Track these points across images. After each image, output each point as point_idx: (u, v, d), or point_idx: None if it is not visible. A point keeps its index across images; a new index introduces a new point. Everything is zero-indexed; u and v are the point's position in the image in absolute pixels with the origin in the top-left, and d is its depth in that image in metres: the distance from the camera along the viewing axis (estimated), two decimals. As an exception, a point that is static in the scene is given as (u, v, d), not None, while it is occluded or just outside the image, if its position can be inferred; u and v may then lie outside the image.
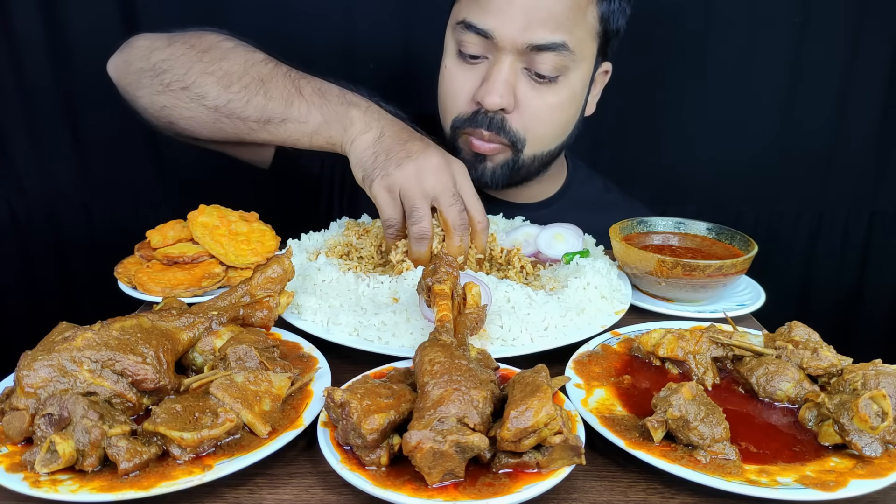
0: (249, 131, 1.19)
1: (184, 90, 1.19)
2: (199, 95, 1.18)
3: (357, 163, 1.11)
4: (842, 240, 2.19)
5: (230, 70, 1.18)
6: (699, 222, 1.23)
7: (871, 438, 0.69)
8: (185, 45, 1.22)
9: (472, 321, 0.86)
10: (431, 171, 1.06)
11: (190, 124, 1.23)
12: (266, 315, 0.91)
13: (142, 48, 1.25)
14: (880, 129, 2.05)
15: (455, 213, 1.07)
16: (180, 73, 1.19)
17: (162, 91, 1.21)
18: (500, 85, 1.24)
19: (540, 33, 1.21)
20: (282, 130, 1.17)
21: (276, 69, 1.19)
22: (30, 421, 0.68)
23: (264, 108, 1.16)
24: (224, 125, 1.20)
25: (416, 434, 0.62)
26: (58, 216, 1.97)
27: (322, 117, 1.14)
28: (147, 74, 1.22)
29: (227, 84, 1.17)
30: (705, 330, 0.88)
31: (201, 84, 1.18)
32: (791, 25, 1.92)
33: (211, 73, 1.18)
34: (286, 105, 1.15)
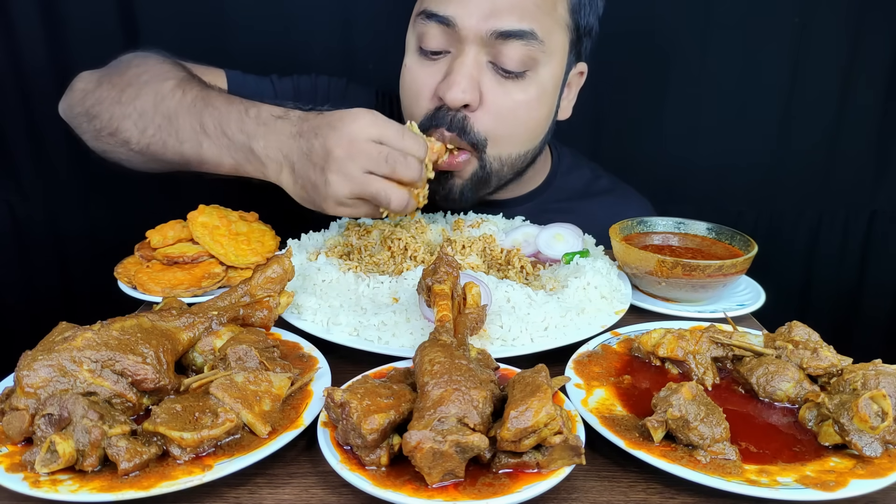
0: (180, 168, 1.15)
1: (111, 136, 1.16)
2: (124, 141, 1.15)
3: (302, 199, 1.06)
4: (842, 239, 2.19)
5: (143, 109, 1.13)
6: (699, 222, 1.23)
7: (871, 438, 0.69)
8: (109, 85, 1.18)
9: (472, 321, 0.86)
10: (349, 160, 0.99)
11: (133, 164, 1.21)
12: (266, 315, 0.91)
13: (79, 91, 1.23)
14: (880, 129, 2.05)
15: (401, 169, 1.01)
16: (106, 118, 1.16)
17: (96, 136, 1.19)
18: (462, 78, 1.16)
19: (505, 20, 1.14)
20: (205, 170, 1.12)
21: (181, 101, 1.12)
22: (30, 421, 0.68)
23: (179, 151, 1.11)
24: (155, 165, 1.17)
25: (416, 434, 0.62)
26: (58, 216, 1.97)
27: (232, 159, 1.08)
28: (83, 119, 1.20)
29: (143, 128, 1.13)
30: (705, 330, 0.88)
31: (123, 129, 1.14)
32: (791, 25, 1.92)
33: (128, 116, 1.14)
34: (197, 147, 1.09)
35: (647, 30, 1.92)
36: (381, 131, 1.01)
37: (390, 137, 1.02)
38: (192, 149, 1.09)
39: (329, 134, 1.00)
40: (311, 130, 1.02)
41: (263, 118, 1.06)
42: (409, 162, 1.02)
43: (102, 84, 1.19)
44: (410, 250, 1.15)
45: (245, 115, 1.07)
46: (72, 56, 1.80)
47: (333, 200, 1.02)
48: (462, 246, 1.18)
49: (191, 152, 1.10)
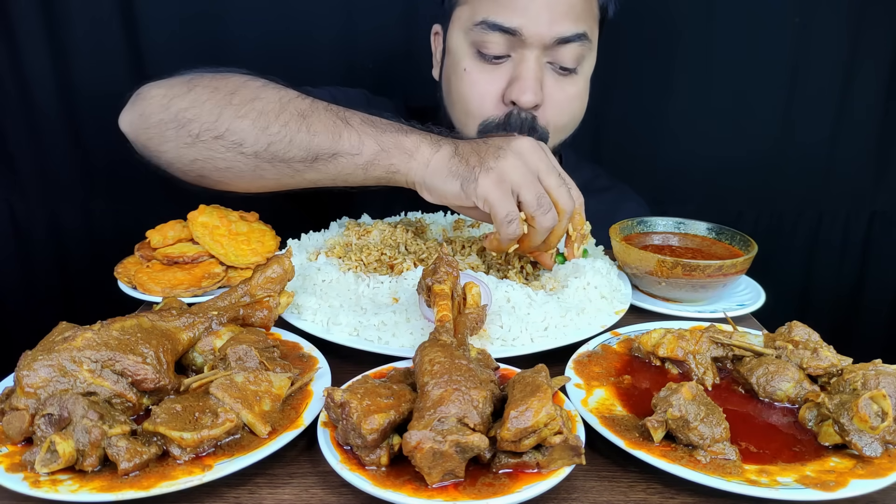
0: (294, 174, 1.08)
1: (217, 139, 1.06)
2: (236, 143, 1.06)
3: (448, 175, 1.00)
4: (842, 240, 2.19)
5: (265, 110, 1.06)
6: (699, 222, 1.23)
7: (871, 438, 0.69)
8: (208, 89, 1.09)
9: (472, 321, 0.86)
10: (529, 153, 1.00)
11: (225, 176, 1.11)
12: (266, 315, 0.91)
13: (157, 97, 1.11)
14: (880, 129, 2.05)
15: (565, 195, 1.02)
16: (210, 120, 1.06)
17: (191, 143, 1.08)
18: (532, 82, 1.24)
19: (565, 26, 1.23)
20: (332, 167, 1.05)
21: (315, 103, 1.08)
22: (30, 421, 0.68)
23: (310, 144, 1.04)
24: (265, 171, 1.08)
25: (416, 434, 0.62)
26: (58, 216, 1.97)
27: (377, 145, 1.03)
28: (170, 126, 1.08)
29: (265, 125, 1.05)
30: (705, 330, 0.88)
31: (236, 130, 1.05)
32: (791, 25, 1.92)
33: (244, 116, 1.06)
34: (334, 138, 1.04)
35: (647, 29, 1.92)
36: (553, 157, 1.04)
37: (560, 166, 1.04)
38: (327, 140, 1.04)
39: (509, 134, 1.05)
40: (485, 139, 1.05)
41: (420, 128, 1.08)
42: (570, 196, 1.03)
43: (196, 89, 1.10)
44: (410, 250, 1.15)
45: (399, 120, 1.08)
46: (72, 57, 1.80)
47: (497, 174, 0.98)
48: (462, 246, 1.18)
49: (324, 144, 1.04)
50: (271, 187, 1.13)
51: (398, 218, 1.36)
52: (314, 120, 1.05)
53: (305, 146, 1.05)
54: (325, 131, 1.04)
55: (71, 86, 1.83)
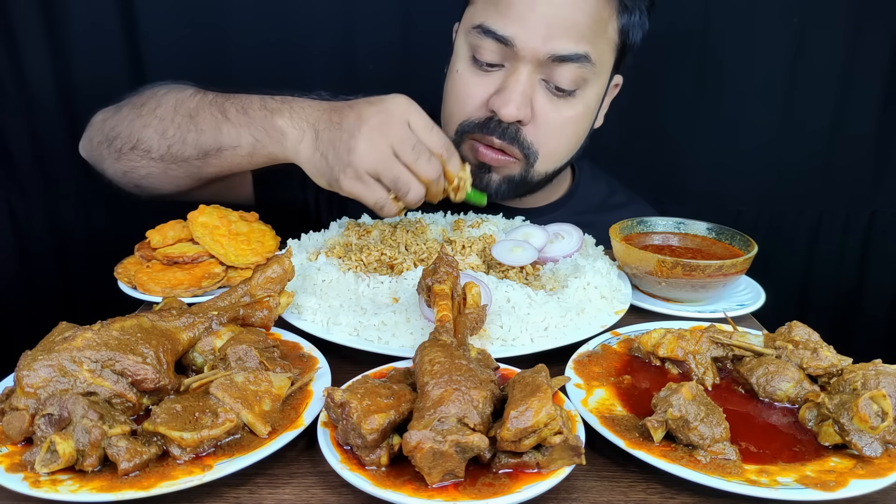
0: (196, 170, 1.17)
1: (132, 150, 1.19)
2: (145, 150, 1.18)
3: (314, 172, 1.06)
4: (842, 240, 2.19)
5: (164, 115, 1.16)
6: (699, 222, 1.23)
7: (871, 438, 0.69)
8: (128, 107, 1.22)
9: (472, 321, 0.86)
10: (380, 132, 1.00)
11: (150, 181, 1.23)
12: (266, 315, 0.91)
13: (98, 122, 1.27)
14: (880, 129, 2.05)
15: (423, 165, 1.02)
16: (126, 134, 1.19)
17: (118, 157, 1.21)
18: (518, 96, 1.20)
19: (562, 44, 1.18)
20: (222, 160, 1.14)
21: (202, 100, 1.15)
22: (30, 421, 0.68)
23: (197, 142, 1.13)
24: (174, 171, 1.19)
25: (416, 434, 0.62)
26: (58, 216, 1.97)
27: (252, 137, 1.09)
28: (104, 145, 1.23)
29: (163, 130, 1.16)
30: (705, 330, 0.88)
31: (144, 139, 1.17)
32: (791, 26, 1.92)
33: (148, 125, 1.17)
34: (216, 134, 1.11)
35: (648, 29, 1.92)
36: (415, 118, 1.03)
37: (420, 127, 1.03)
38: (211, 137, 1.11)
39: (365, 106, 1.02)
40: (344, 105, 1.05)
41: (290, 99, 1.10)
42: (433, 160, 1.03)
43: (122, 108, 1.23)
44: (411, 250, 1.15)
45: (270, 98, 1.11)
46: (72, 58, 1.80)
47: (353, 171, 1.00)
48: (462, 246, 1.18)
49: (209, 140, 1.11)
50: (190, 185, 1.23)
51: (398, 218, 1.36)
52: (200, 118, 1.13)
53: (195, 144, 1.14)
54: (208, 128, 1.12)
55: (71, 85, 1.83)
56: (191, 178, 1.20)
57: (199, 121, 1.13)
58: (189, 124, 1.14)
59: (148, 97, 1.21)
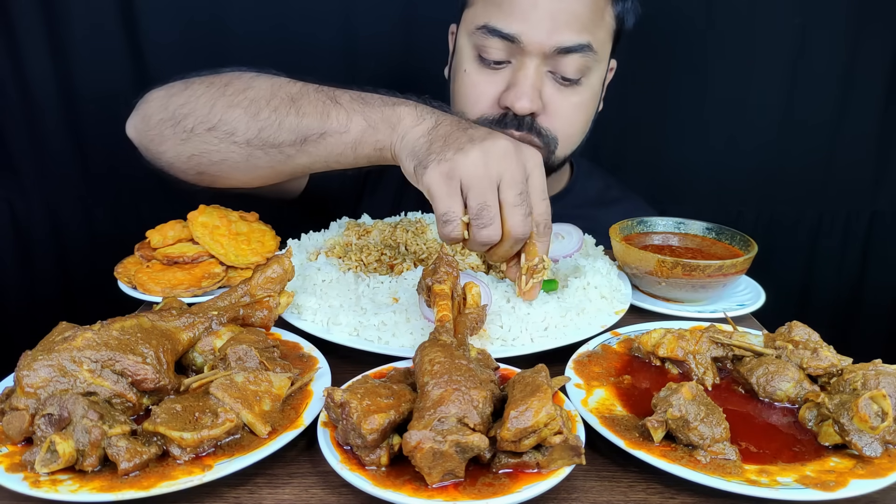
0: (286, 159, 1.07)
1: (210, 131, 1.08)
2: (228, 133, 1.07)
3: (409, 154, 0.95)
4: (842, 240, 2.19)
5: (257, 97, 1.07)
6: (699, 222, 1.24)
7: (871, 438, 0.69)
8: (203, 85, 1.11)
9: (472, 321, 0.86)
10: (499, 157, 0.89)
11: (221, 168, 1.11)
12: (266, 315, 0.91)
13: (158, 99, 1.15)
14: (880, 129, 2.05)
15: (519, 217, 0.90)
16: (203, 112, 1.08)
17: (187, 138, 1.09)
18: (529, 89, 1.23)
19: (566, 36, 1.22)
20: (321, 147, 1.03)
21: (306, 86, 1.07)
22: (30, 421, 0.68)
23: (298, 126, 1.03)
24: (258, 160, 1.08)
25: (416, 434, 0.62)
26: (58, 216, 1.97)
27: (365, 122, 1.00)
28: (168, 124, 1.11)
29: (256, 112, 1.05)
30: (705, 330, 0.88)
31: (228, 119, 1.06)
32: (791, 26, 1.92)
33: (237, 105, 1.07)
34: (322, 118, 1.02)
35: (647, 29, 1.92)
36: (538, 175, 0.94)
37: (538, 187, 0.94)
38: (315, 121, 1.02)
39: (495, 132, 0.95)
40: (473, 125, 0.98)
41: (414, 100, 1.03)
42: (528, 220, 0.92)
43: (192, 86, 1.12)
44: (411, 250, 1.15)
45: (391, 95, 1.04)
46: (72, 57, 1.80)
47: (448, 167, 0.88)
48: (462, 246, 1.17)
49: (313, 124, 1.03)
50: (268, 176, 1.13)
51: (398, 218, 1.36)
52: (304, 102, 1.05)
53: (294, 128, 1.04)
54: (313, 112, 1.03)
55: (71, 86, 1.83)
56: (273, 169, 1.10)
57: (303, 104, 1.04)
58: (289, 107, 1.04)
59: (232, 77, 1.12)
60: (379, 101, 1.02)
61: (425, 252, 1.14)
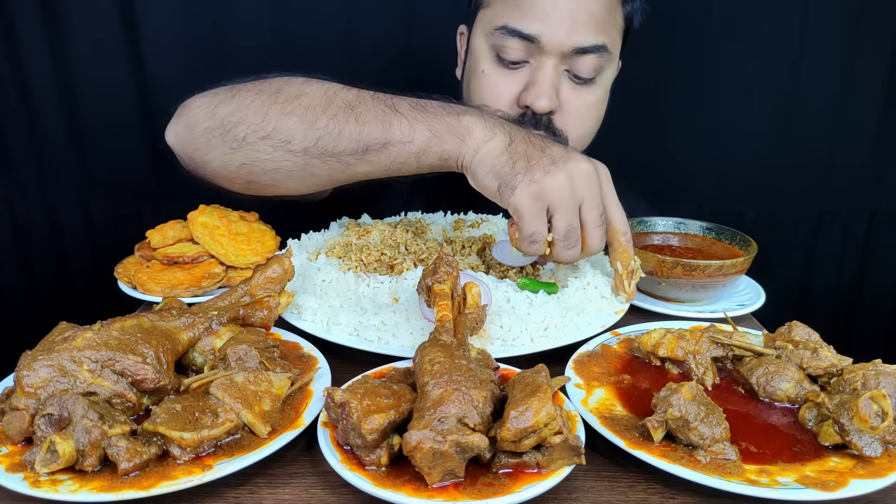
0: (346, 168, 1.05)
1: (264, 139, 1.04)
2: (284, 141, 1.04)
3: (489, 171, 0.97)
4: (842, 240, 2.19)
5: (311, 105, 1.04)
6: (699, 222, 1.24)
7: (871, 438, 0.69)
8: (252, 92, 1.08)
9: (472, 321, 0.86)
10: (582, 180, 0.95)
11: (274, 177, 1.08)
12: (266, 315, 0.91)
13: (203, 106, 1.10)
14: (880, 129, 2.05)
15: (598, 237, 0.98)
16: (256, 121, 1.04)
17: (238, 147, 1.06)
18: (548, 88, 1.26)
19: (584, 36, 1.24)
20: (383, 157, 1.02)
21: (361, 93, 1.06)
22: (30, 421, 0.68)
23: (359, 135, 1.01)
24: (315, 168, 1.05)
25: (416, 434, 0.62)
26: (58, 216, 1.97)
27: (430, 132, 1.00)
28: (216, 133, 1.07)
29: (313, 120, 1.02)
30: (705, 330, 0.88)
31: (283, 128, 1.03)
32: (791, 25, 1.92)
33: (291, 113, 1.03)
34: (384, 127, 1.01)
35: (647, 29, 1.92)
36: (611, 191, 1.00)
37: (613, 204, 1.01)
38: (377, 130, 1.01)
39: (573, 151, 0.99)
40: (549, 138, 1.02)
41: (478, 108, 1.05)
42: (604, 238, 0.99)
43: (240, 94, 1.09)
44: (411, 250, 1.15)
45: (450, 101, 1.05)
46: (72, 57, 1.80)
47: (537, 189, 0.93)
48: (462, 246, 1.18)
49: (374, 134, 1.01)
50: (323, 184, 1.11)
51: (398, 218, 1.36)
52: (362, 110, 1.03)
53: (355, 138, 1.02)
54: (374, 121, 1.02)
55: (71, 86, 1.83)
56: (330, 177, 1.08)
57: (362, 112, 1.02)
58: (348, 115, 1.02)
59: (282, 84, 1.08)
60: (441, 110, 1.02)
61: (425, 252, 1.14)
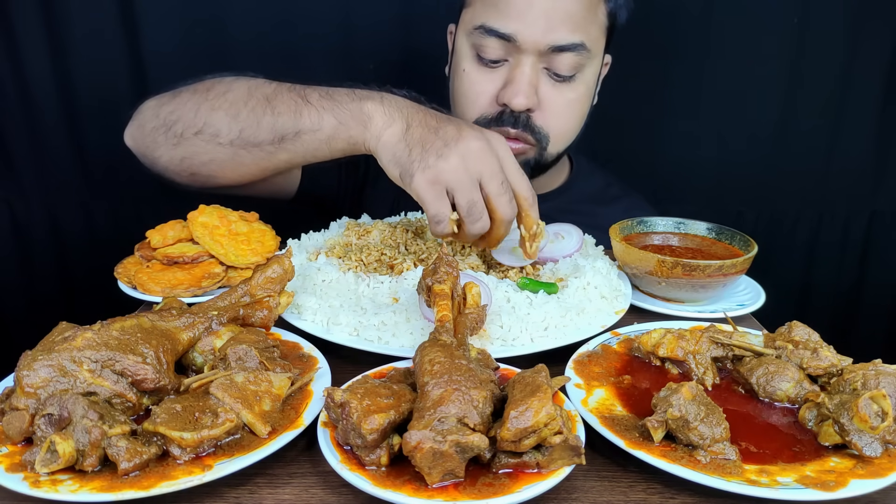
0: (268, 156, 1.14)
1: (197, 134, 1.15)
2: (213, 134, 1.14)
3: (391, 160, 1.03)
4: (842, 240, 2.19)
5: (235, 99, 1.13)
6: (699, 222, 1.24)
7: (871, 438, 0.69)
8: (189, 91, 1.19)
9: (472, 321, 0.86)
10: (476, 156, 0.99)
11: (210, 168, 1.19)
12: (266, 315, 0.91)
13: (150, 108, 1.22)
14: (879, 129, 2.05)
15: (505, 203, 1.01)
16: (189, 117, 1.15)
17: (177, 143, 1.17)
18: (525, 87, 1.27)
19: (561, 34, 1.25)
20: (298, 145, 1.10)
21: (279, 86, 1.14)
22: (30, 421, 0.68)
23: (274, 125, 1.10)
24: (242, 158, 1.15)
25: (416, 434, 0.62)
26: (58, 216, 1.97)
27: (335, 119, 1.07)
28: (160, 131, 1.19)
29: (235, 113, 1.12)
30: (705, 330, 0.88)
31: (212, 122, 1.14)
32: (790, 26, 1.92)
33: (218, 108, 1.14)
34: (295, 117, 1.09)
35: (647, 29, 1.92)
36: (509, 160, 1.04)
37: (512, 170, 1.03)
38: (289, 120, 1.09)
39: (466, 127, 1.03)
40: (443, 115, 1.06)
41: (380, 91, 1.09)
42: (513, 202, 1.02)
43: (180, 94, 1.19)
44: (411, 250, 1.15)
45: (356, 90, 1.10)
46: (72, 57, 1.80)
47: (433, 175, 0.98)
48: (462, 246, 1.18)
49: (287, 123, 1.09)
50: (254, 174, 1.19)
51: (398, 218, 1.36)
52: (278, 102, 1.11)
53: (271, 128, 1.10)
54: (287, 111, 1.09)
55: (71, 85, 1.83)
56: (258, 166, 1.16)
57: (277, 104, 1.10)
58: (265, 108, 1.11)
59: (214, 83, 1.18)
60: (346, 97, 1.08)
61: (425, 252, 1.14)
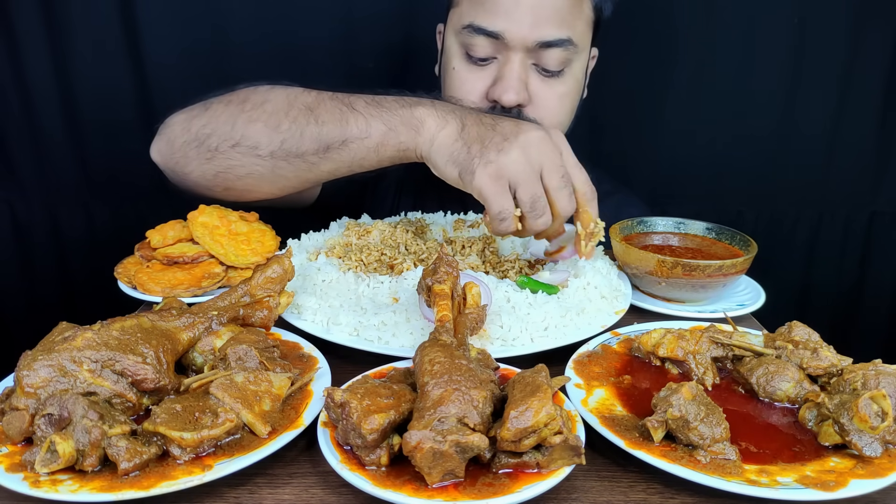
0: (311, 167, 1.10)
1: (234, 147, 1.11)
2: (251, 147, 1.10)
3: (448, 160, 1.00)
4: (842, 240, 2.19)
5: (275, 110, 1.10)
6: (699, 222, 1.24)
7: (871, 438, 0.69)
8: (222, 104, 1.15)
9: (472, 321, 0.86)
10: (537, 148, 0.98)
11: (247, 183, 1.15)
12: (266, 315, 0.91)
13: (180, 123, 1.18)
14: (880, 129, 2.05)
15: (565, 197, 1.00)
16: (225, 130, 1.11)
17: (211, 157, 1.13)
18: (515, 82, 1.28)
19: (548, 31, 1.26)
20: (344, 154, 1.07)
21: (320, 94, 1.11)
22: (30, 421, 0.68)
23: (319, 135, 1.07)
24: (283, 170, 1.11)
25: (416, 434, 0.62)
26: (58, 216, 1.97)
27: (384, 126, 1.04)
28: (192, 146, 1.14)
29: (276, 125, 1.09)
30: (705, 330, 0.88)
31: (250, 135, 1.10)
32: (791, 25, 1.92)
33: (256, 120, 1.10)
34: (341, 125, 1.06)
35: (647, 28, 1.92)
36: (568, 152, 1.03)
37: (571, 163, 1.03)
38: (335, 129, 1.06)
39: (522, 122, 1.02)
40: (498, 116, 1.05)
41: (430, 98, 1.08)
42: (573, 197, 1.02)
43: (212, 106, 1.16)
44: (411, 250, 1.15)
45: (403, 95, 1.09)
46: (72, 58, 1.80)
47: (495, 169, 0.96)
48: (462, 246, 1.18)
49: (333, 132, 1.06)
50: (294, 186, 1.16)
51: (398, 218, 1.36)
52: (321, 111, 1.08)
53: (316, 137, 1.07)
54: (332, 120, 1.07)
55: (71, 87, 1.83)
56: (299, 178, 1.13)
57: (321, 113, 1.08)
58: (308, 117, 1.08)
59: (248, 93, 1.15)
60: (395, 104, 1.06)
61: (425, 252, 1.14)
